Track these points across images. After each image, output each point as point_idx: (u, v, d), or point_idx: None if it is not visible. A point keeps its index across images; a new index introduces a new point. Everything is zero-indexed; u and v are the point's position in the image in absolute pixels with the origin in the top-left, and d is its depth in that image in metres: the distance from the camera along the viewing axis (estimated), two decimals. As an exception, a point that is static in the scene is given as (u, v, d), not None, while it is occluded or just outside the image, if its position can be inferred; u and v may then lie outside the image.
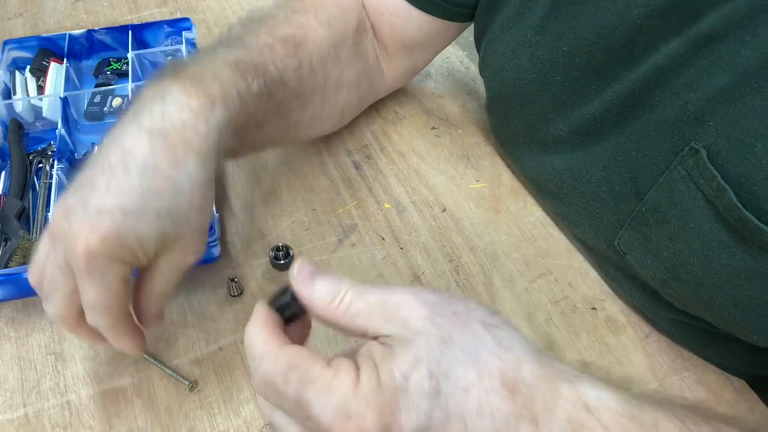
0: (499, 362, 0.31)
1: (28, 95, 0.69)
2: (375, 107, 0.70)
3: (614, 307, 0.54)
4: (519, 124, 0.58)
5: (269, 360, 0.32)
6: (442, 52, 0.67)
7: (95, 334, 0.43)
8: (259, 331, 0.34)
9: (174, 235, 0.41)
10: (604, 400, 0.31)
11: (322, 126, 0.62)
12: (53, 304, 0.42)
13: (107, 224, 0.38)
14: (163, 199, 0.40)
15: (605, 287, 0.55)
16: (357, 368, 0.31)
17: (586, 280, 0.55)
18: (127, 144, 0.40)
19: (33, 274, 0.43)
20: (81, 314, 0.42)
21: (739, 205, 0.38)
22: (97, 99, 0.69)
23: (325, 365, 0.31)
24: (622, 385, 0.33)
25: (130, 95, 0.65)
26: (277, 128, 0.54)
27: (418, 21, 0.60)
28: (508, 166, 0.64)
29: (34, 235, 0.56)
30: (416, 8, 0.59)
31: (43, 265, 0.42)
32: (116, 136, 0.41)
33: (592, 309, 0.53)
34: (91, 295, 0.40)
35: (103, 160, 0.40)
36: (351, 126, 0.68)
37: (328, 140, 0.67)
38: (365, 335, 0.33)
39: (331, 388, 0.31)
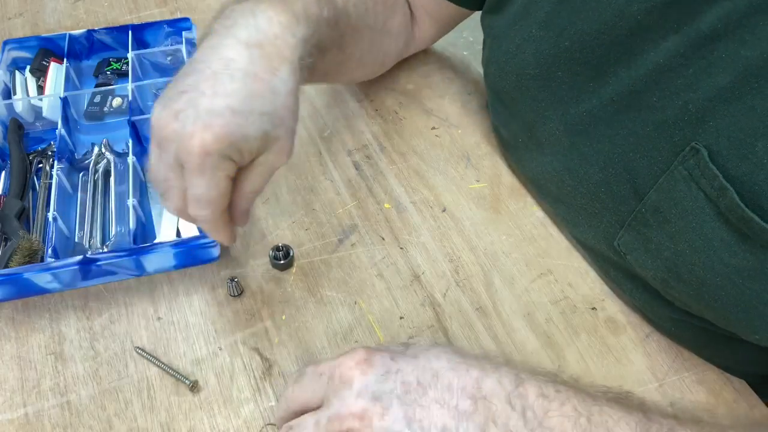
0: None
1: (28, 95, 0.69)
2: (375, 107, 0.70)
3: (614, 307, 0.54)
4: (518, 123, 0.58)
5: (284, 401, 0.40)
6: (442, 52, 0.71)
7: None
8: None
9: (273, 134, 0.44)
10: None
11: (365, 70, 0.68)
12: (171, 200, 0.46)
13: (220, 123, 0.41)
14: (264, 101, 0.43)
15: (605, 287, 0.55)
16: None
17: (586, 280, 0.55)
18: (228, 54, 0.44)
19: (150, 175, 0.46)
20: None
21: (742, 205, 0.38)
22: (97, 99, 0.69)
23: None
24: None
25: (130, 95, 0.65)
26: (333, 59, 0.57)
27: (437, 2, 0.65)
28: (508, 166, 0.64)
29: (34, 235, 0.56)
30: None
31: (157, 167, 0.45)
32: (213, 48, 0.45)
33: (592, 309, 0.53)
34: (201, 189, 0.43)
35: (204, 69, 0.44)
36: (351, 126, 0.68)
37: (328, 140, 0.67)
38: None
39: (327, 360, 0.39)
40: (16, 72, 0.71)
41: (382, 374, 0.36)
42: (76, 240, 0.57)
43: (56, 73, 0.70)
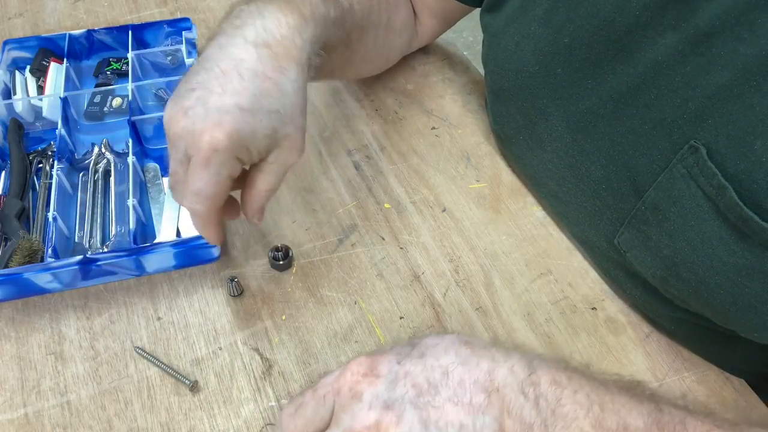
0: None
1: (28, 95, 0.69)
2: (375, 107, 0.70)
3: (614, 307, 0.54)
4: (519, 120, 0.58)
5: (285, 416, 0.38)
6: (443, 52, 0.71)
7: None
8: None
9: (282, 132, 0.45)
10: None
11: (370, 65, 0.68)
12: (178, 194, 0.46)
13: (229, 120, 0.42)
14: (272, 99, 0.45)
15: (605, 287, 0.55)
16: None
17: (586, 280, 0.55)
18: (236, 53, 0.45)
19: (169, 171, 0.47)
20: None
21: (740, 203, 0.38)
22: (97, 99, 0.69)
23: None
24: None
25: (130, 95, 0.65)
26: (340, 57, 0.58)
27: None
28: (509, 166, 0.64)
29: (34, 235, 0.56)
30: None
31: (171, 162, 0.46)
32: (222, 48, 0.46)
33: (592, 309, 0.53)
34: (201, 183, 0.43)
35: (213, 67, 0.44)
36: (351, 126, 0.68)
37: (328, 140, 0.67)
38: None
39: (331, 374, 0.37)
40: (16, 72, 0.71)
41: (390, 381, 0.35)
42: (76, 240, 0.57)
43: (56, 73, 0.70)
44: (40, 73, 0.70)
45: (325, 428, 0.35)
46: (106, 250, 0.56)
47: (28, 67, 0.71)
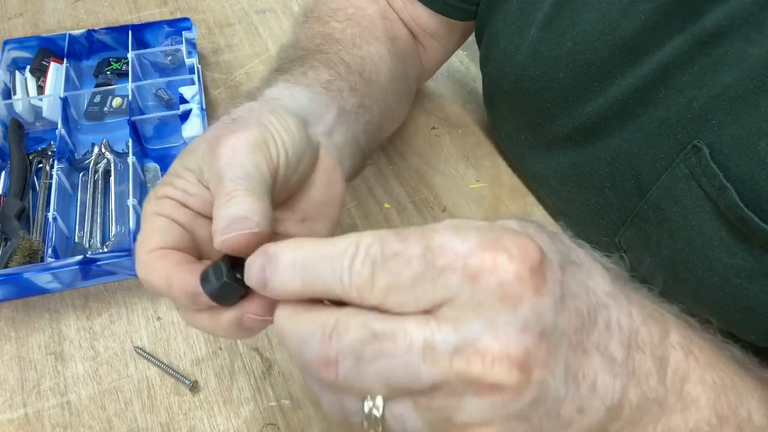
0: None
1: (28, 95, 0.69)
2: (375, 107, 0.70)
3: (614, 306, 0.54)
4: (522, 121, 0.58)
5: (368, 238, 0.25)
6: None
7: None
8: (311, 242, 0.26)
9: None
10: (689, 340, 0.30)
11: (394, 117, 0.61)
12: None
13: None
14: None
15: (605, 287, 0.55)
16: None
17: (586, 279, 0.55)
18: None
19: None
20: None
21: (741, 204, 0.38)
22: (97, 99, 0.69)
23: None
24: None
25: (130, 95, 0.65)
26: (370, 136, 0.50)
27: (436, 18, 0.60)
28: (509, 166, 0.64)
29: (34, 235, 0.56)
30: (429, 9, 0.59)
31: None
32: None
33: (593, 309, 0.53)
34: None
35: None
36: (351, 126, 0.68)
37: (328, 140, 0.67)
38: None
39: (460, 230, 0.24)
40: (16, 72, 0.71)
41: (558, 298, 0.25)
42: (76, 240, 0.57)
43: (56, 73, 0.70)
44: (40, 73, 0.70)
45: (416, 311, 0.24)
46: (106, 250, 0.56)
47: (28, 67, 0.71)
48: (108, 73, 0.73)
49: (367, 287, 0.24)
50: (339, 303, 0.25)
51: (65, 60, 0.70)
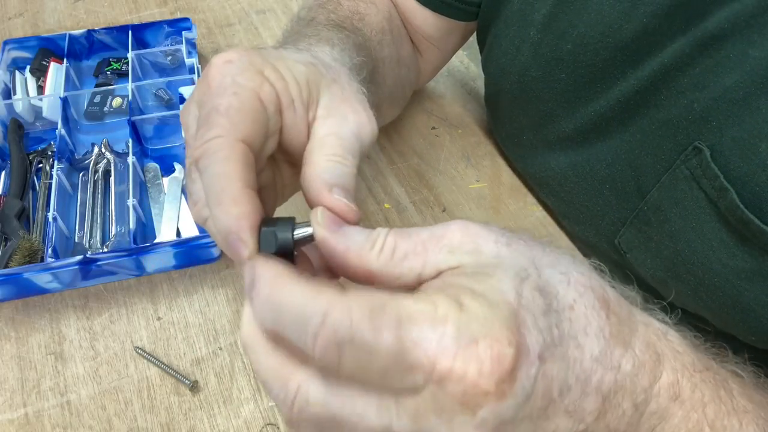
0: (586, 279, 0.28)
1: (28, 95, 0.69)
2: (375, 107, 0.70)
3: (614, 307, 0.54)
4: (523, 122, 0.58)
5: (339, 313, 0.24)
6: None
7: None
8: (294, 287, 0.25)
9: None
10: (667, 328, 0.31)
11: (394, 105, 0.63)
12: None
13: None
14: None
15: (605, 287, 0.55)
16: (448, 297, 0.25)
17: (586, 280, 0.55)
18: None
19: None
20: None
21: (741, 206, 0.38)
22: (97, 99, 0.69)
23: (415, 299, 0.25)
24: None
25: (130, 95, 0.65)
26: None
27: (434, 20, 0.60)
28: (509, 166, 0.64)
29: (34, 235, 0.56)
30: (428, 9, 0.59)
31: None
32: None
33: (592, 309, 0.53)
34: None
35: None
36: (351, 126, 0.68)
37: (328, 140, 0.67)
38: (418, 279, 0.27)
39: (438, 318, 0.24)
40: (16, 72, 0.71)
41: (524, 398, 0.25)
42: (76, 240, 0.57)
43: (56, 73, 0.70)
44: (40, 73, 0.71)
45: (378, 389, 0.25)
46: (106, 250, 0.56)
47: (28, 67, 0.71)
48: (108, 73, 0.73)
49: (332, 366, 0.24)
50: None
51: (65, 60, 0.70)
